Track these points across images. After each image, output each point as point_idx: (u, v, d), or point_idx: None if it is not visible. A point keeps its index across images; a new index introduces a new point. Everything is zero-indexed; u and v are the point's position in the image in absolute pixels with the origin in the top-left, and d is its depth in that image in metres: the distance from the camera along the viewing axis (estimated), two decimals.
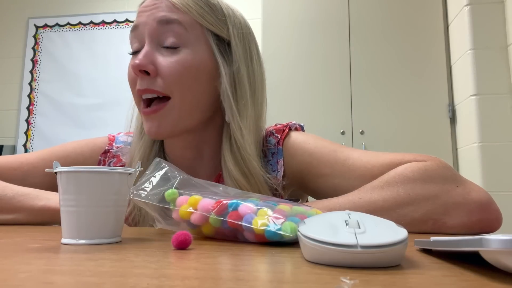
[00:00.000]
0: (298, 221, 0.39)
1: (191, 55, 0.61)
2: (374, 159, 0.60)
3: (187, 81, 0.61)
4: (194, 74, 0.61)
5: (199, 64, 0.62)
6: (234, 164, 0.62)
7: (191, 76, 0.61)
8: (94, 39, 3.03)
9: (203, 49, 0.63)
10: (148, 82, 0.61)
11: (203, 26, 0.63)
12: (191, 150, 0.68)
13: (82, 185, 0.41)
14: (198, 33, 0.62)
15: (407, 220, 0.51)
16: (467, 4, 2.01)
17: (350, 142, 2.25)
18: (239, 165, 0.62)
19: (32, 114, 3.00)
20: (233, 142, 0.63)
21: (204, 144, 0.68)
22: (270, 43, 2.37)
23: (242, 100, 0.64)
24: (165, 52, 0.61)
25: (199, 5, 0.63)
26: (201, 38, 0.63)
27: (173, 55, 0.61)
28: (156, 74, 0.61)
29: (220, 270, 0.28)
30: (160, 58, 0.61)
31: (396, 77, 2.27)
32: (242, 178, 0.62)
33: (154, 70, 0.60)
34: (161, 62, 0.61)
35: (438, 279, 0.25)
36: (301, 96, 2.33)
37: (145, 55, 0.60)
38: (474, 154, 1.93)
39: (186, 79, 0.61)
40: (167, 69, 0.60)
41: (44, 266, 0.29)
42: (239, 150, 0.62)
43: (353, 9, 2.37)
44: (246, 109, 0.64)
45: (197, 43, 0.62)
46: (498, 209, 0.53)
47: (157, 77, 0.61)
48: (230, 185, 0.62)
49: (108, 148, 0.73)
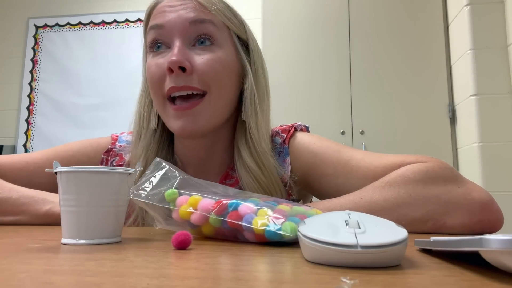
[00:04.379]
0: (298, 221, 0.39)
1: (224, 53, 0.63)
2: (377, 160, 0.61)
3: (222, 77, 0.63)
4: (227, 72, 0.63)
5: (230, 62, 0.64)
6: (249, 156, 0.64)
7: (225, 73, 0.63)
8: (94, 39, 3.03)
9: (231, 49, 0.66)
10: (185, 79, 0.60)
11: (229, 28, 0.66)
12: (203, 151, 0.69)
13: (82, 185, 0.41)
14: (226, 34, 0.65)
15: (408, 220, 0.51)
16: (467, 4, 2.01)
17: (350, 142, 2.25)
18: (254, 158, 0.64)
19: (32, 114, 3.00)
20: (248, 137, 0.65)
21: (215, 144, 0.69)
22: (270, 43, 2.37)
23: (260, 97, 0.67)
24: (198, 50, 0.62)
25: (225, 7, 0.66)
26: (229, 39, 0.65)
27: (207, 53, 0.62)
28: (192, 71, 0.61)
29: (220, 270, 0.28)
30: (194, 55, 0.61)
31: (396, 77, 2.27)
32: (258, 169, 0.63)
33: (190, 67, 0.60)
34: (196, 60, 0.61)
35: (438, 279, 0.25)
36: (301, 96, 2.33)
37: (180, 52, 0.60)
38: (474, 154, 1.93)
39: (221, 76, 0.62)
40: (204, 66, 0.61)
41: (44, 266, 0.29)
42: (254, 146, 0.65)
43: (353, 9, 2.37)
44: (263, 105, 0.68)
45: (226, 44, 0.64)
46: (499, 210, 0.53)
47: (192, 74, 0.61)
48: (244, 176, 0.64)
49: (111, 147, 0.74)
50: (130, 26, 3.01)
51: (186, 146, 0.69)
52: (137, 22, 3.00)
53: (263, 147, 0.65)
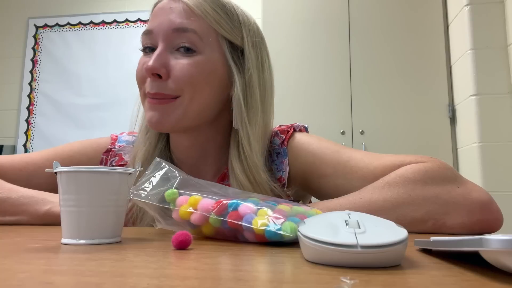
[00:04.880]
0: (298, 221, 0.39)
1: (204, 60, 0.62)
2: (376, 160, 0.61)
3: (198, 83, 0.61)
4: (205, 78, 0.62)
5: (212, 69, 0.62)
6: (241, 171, 0.63)
7: (202, 79, 0.62)
8: (94, 39, 3.03)
9: (216, 56, 0.63)
10: (158, 86, 0.61)
11: (218, 32, 0.63)
12: (196, 149, 0.69)
13: (82, 185, 0.41)
14: (213, 40, 0.63)
15: (408, 220, 0.51)
16: (467, 4, 2.01)
17: (350, 142, 2.25)
18: (246, 173, 0.63)
19: (32, 114, 3.00)
20: (241, 150, 0.64)
21: (208, 143, 0.69)
22: (270, 43, 2.34)
23: (252, 108, 0.65)
24: (178, 55, 0.61)
25: (216, 11, 0.63)
26: (215, 45, 0.63)
27: (186, 58, 0.61)
28: (167, 77, 0.61)
29: (220, 270, 0.28)
30: (172, 60, 0.61)
31: (396, 77, 2.27)
32: (249, 185, 0.62)
33: (165, 74, 0.60)
34: (174, 65, 0.61)
35: (438, 279, 0.25)
36: (301, 96, 2.33)
37: (158, 58, 0.60)
38: (474, 154, 1.93)
39: (197, 81, 0.61)
40: (179, 72, 0.61)
41: (44, 266, 0.29)
42: (246, 159, 0.63)
43: (353, 9, 2.37)
44: (256, 117, 0.65)
45: (211, 50, 0.63)
46: (499, 210, 0.53)
47: (168, 80, 0.61)
48: (234, 185, 0.63)
49: (111, 147, 0.74)
50: (130, 26, 3.01)
51: (177, 142, 0.70)
52: (137, 22, 3.00)
53: (255, 161, 0.63)
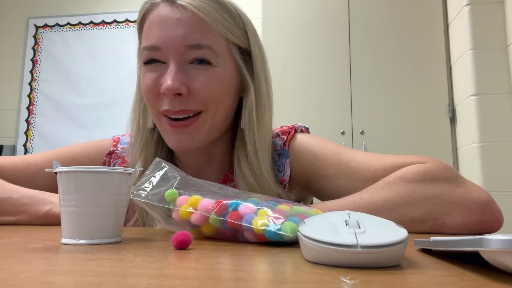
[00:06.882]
0: (298, 221, 0.39)
1: (221, 72, 0.61)
2: (377, 161, 0.61)
3: (220, 96, 0.61)
4: (224, 90, 0.62)
5: (228, 79, 0.62)
6: (249, 171, 0.63)
7: (222, 92, 0.61)
8: (94, 39, 3.03)
9: (230, 64, 0.62)
10: (181, 103, 0.59)
11: (228, 40, 0.62)
12: (202, 154, 0.69)
13: (82, 185, 0.41)
14: (225, 49, 0.62)
15: (408, 220, 0.51)
16: (467, 4, 2.01)
17: (350, 142, 2.25)
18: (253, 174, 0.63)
19: (32, 114, 3.00)
20: (248, 149, 0.64)
21: (215, 147, 0.69)
22: (270, 43, 2.37)
23: (260, 107, 0.65)
24: (194, 70, 0.59)
25: (224, 17, 0.61)
26: (228, 55, 0.62)
27: (204, 72, 0.59)
28: (188, 94, 0.59)
29: (220, 270, 0.28)
30: (190, 75, 0.59)
31: (396, 77, 2.27)
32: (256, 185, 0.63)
33: (186, 91, 0.58)
34: (193, 81, 0.59)
35: (438, 279, 0.25)
36: (301, 96, 2.33)
37: (176, 77, 0.57)
38: (474, 154, 1.93)
39: (217, 96, 0.61)
40: (201, 88, 0.59)
41: (44, 266, 0.29)
42: (252, 158, 0.63)
43: (353, 9, 2.37)
44: (264, 116, 0.65)
45: (225, 62, 0.61)
46: (499, 210, 0.53)
47: (189, 96, 0.59)
48: (242, 187, 0.63)
49: (113, 150, 0.73)
50: (130, 26, 3.01)
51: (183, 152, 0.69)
52: None
53: (261, 162, 0.64)
